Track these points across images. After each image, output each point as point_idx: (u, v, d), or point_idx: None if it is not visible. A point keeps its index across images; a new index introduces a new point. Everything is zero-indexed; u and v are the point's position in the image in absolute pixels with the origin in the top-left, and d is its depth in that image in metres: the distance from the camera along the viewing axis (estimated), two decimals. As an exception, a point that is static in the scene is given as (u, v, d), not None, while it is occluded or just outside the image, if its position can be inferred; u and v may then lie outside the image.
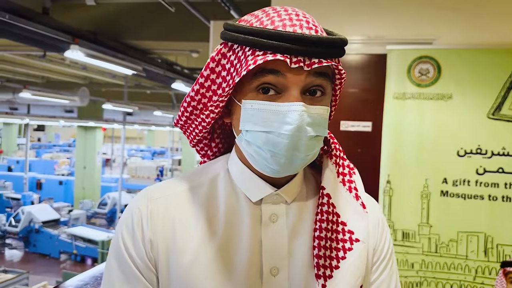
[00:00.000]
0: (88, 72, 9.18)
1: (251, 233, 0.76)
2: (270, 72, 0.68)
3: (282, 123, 0.67)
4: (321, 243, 0.75)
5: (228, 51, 0.73)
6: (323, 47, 0.67)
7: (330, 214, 0.78)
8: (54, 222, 11.63)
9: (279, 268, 0.75)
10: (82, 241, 10.51)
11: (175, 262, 0.73)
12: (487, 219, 2.47)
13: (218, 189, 0.80)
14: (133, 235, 0.75)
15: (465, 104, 2.51)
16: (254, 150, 0.71)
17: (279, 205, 0.78)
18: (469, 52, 2.51)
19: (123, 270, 0.74)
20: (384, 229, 0.85)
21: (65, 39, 4.43)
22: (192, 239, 0.75)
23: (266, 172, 0.72)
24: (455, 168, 2.51)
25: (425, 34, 2.69)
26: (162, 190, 0.80)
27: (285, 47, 0.65)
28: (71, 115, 13.59)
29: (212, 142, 0.87)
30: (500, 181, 2.46)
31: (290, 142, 0.67)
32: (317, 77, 0.69)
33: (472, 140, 2.50)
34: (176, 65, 7.70)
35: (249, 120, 0.70)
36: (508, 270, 2.34)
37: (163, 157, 25.16)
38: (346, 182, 0.83)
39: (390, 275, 0.83)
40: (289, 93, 0.68)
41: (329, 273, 0.74)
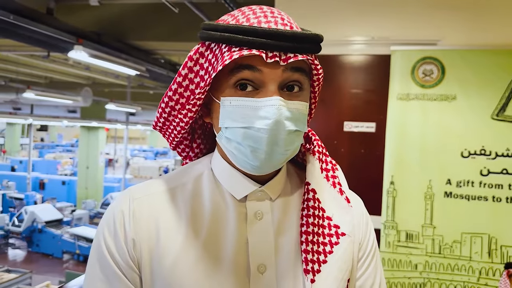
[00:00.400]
0: (91, 72, 9.20)
1: (236, 231, 0.75)
2: (246, 68, 0.68)
3: (260, 118, 0.67)
4: (308, 238, 0.76)
5: (206, 50, 0.73)
6: (298, 42, 0.68)
7: (316, 209, 0.78)
8: (57, 222, 11.65)
9: (267, 266, 0.75)
10: (85, 241, 10.53)
11: (158, 261, 0.73)
12: (491, 220, 2.46)
13: (202, 187, 0.80)
14: (115, 235, 0.74)
15: (469, 105, 2.51)
16: (234, 147, 0.71)
17: (264, 202, 0.78)
18: (473, 53, 2.51)
19: (104, 270, 0.73)
20: (368, 224, 0.86)
21: (69, 39, 4.45)
22: (175, 238, 0.74)
23: (247, 169, 0.73)
24: (459, 169, 2.50)
25: (429, 35, 2.69)
26: (145, 190, 0.79)
27: (260, 42, 0.66)
28: (74, 115, 13.63)
29: (194, 143, 0.87)
30: (504, 182, 2.45)
31: (269, 136, 0.67)
32: (294, 72, 0.70)
33: (476, 141, 2.49)
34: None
35: (228, 117, 0.70)
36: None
37: (166, 158, 25.18)
38: (330, 178, 0.84)
39: (375, 269, 0.83)
40: (266, 88, 0.69)
41: (317, 268, 0.74)
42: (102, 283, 0.73)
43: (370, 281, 0.82)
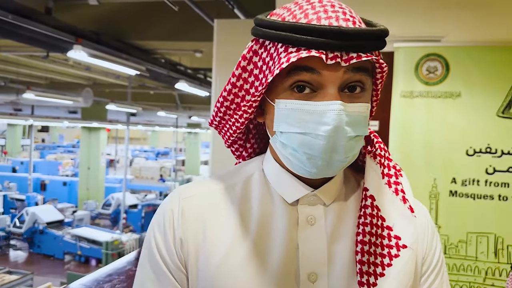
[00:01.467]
0: (92, 73, 9.18)
1: (286, 236, 0.71)
2: (304, 70, 0.63)
3: (318, 124, 0.63)
4: (364, 248, 0.70)
5: (260, 47, 0.69)
6: (361, 40, 0.62)
7: (374, 217, 0.72)
8: (58, 223, 11.66)
9: (318, 274, 0.70)
10: (86, 242, 10.52)
11: (204, 262, 0.71)
12: (497, 220, 2.42)
13: (252, 189, 0.77)
14: (165, 235, 0.73)
15: (474, 103, 2.47)
16: (290, 153, 0.67)
17: (317, 207, 0.73)
18: (478, 49, 2.47)
19: (154, 270, 0.72)
20: (434, 236, 0.79)
21: (68, 39, 4.43)
22: (223, 240, 0.72)
23: (303, 174, 0.69)
24: (464, 168, 2.46)
25: (433, 31, 2.65)
26: (194, 190, 0.77)
27: (320, 42, 0.61)
28: (75, 116, 13.63)
29: (247, 143, 0.84)
30: (510, 181, 2.41)
31: (328, 143, 0.62)
32: (356, 73, 0.64)
33: (481, 139, 2.45)
34: (179, 65, 7.68)
35: (284, 120, 0.66)
36: (519, 271, 2.30)
37: (167, 158, 25.16)
38: (392, 184, 0.77)
39: (440, 285, 0.77)
40: (325, 91, 0.63)
41: (373, 281, 0.69)
42: (152, 282, 0.72)
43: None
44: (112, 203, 13.60)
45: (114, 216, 13.49)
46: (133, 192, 15.76)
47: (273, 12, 0.71)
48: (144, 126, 21.59)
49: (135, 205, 13.66)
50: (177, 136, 20.50)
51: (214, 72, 3.36)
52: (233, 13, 3.81)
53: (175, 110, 13.33)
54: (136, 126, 20.68)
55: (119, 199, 13.19)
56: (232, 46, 3.29)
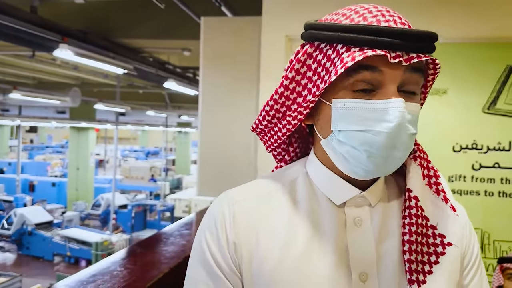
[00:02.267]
0: (80, 72, 9.10)
1: (336, 238, 0.73)
2: (366, 69, 0.65)
3: (380, 121, 0.64)
4: (412, 247, 0.73)
5: (315, 50, 0.71)
6: (421, 41, 0.65)
7: (419, 217, 0.75)
8: (47, 224, 11.56)
9: (368, 274, 0.72)
10: (75, 243, 10.45)
11: (258, 266, 0.72)
12: (483, 215, 2.46)
13: (298, 193, 0.78)
14: (218, 239, 0.74)
15: (460, 99, 2.49)
16: (347, 151, 0.68)
17: (363, 208, 0.75)
18: (464, 46, 2.49)
19: (208, 273, 0.73)
20: (472, 232, 0.82)
21: (54, 38, 4.38)
22: (275, 244, 0.73)
23: (357, 173, 0.70)
24: (451, 164, 2.49)
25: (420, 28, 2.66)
26: (242, 194, 0.79)
27: (385, 41, 0.63)
28: (63, 116, 13.51)
29: (290, 147, 0.86)
30: (496, 177, 2.44)
31: (389, 140, 0.64)
32: (414, 73, 0.67)
33: (467, 135, 2.48)
34: (168, 64, 7.64)
35: (342, 119, 0.68)
36: (506, 266, 2.32)
37: (157, 158, 25.06)
38: (433, 185, 0.80)
39: (480, 279, 0.80)
40: (385, 89, 0.66)
41: (422, 278, 0.72)
42: (205, 286, 0.73)
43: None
44: (102, 203, 13.53)
45: (103, 216, 13.42)
46: (123, 193, 15.68)
47: (325, 18, 0.74)
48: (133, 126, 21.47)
49: (125, 206, 13.60)
50: (167, 136, 20.42)
51: (201, 70, 3.34)
52: (220, 11, 3.80)
53: (165, 109, 13.28)
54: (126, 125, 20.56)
55: (108, 200, 13.12)
56: (219, 44, 3.27)
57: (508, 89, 2.43)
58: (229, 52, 3.25)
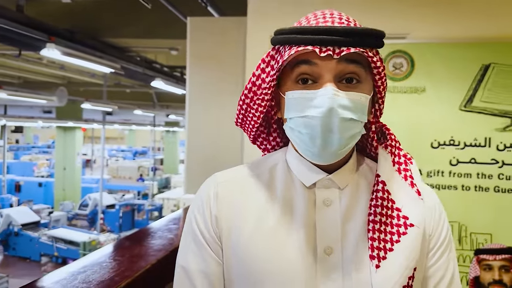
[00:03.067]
0: (66, 71, 9.05)
1: (305, 215, 0.82)
2: (304, 63, 0.76)
3: (314, 107, 0.75)
4: (375, 227, 0.81)
5: (276, 53, 0.83)
6: (350, 36, 0.74)
7: (385, 200, 0.83)
8: (34, 224, 11.43)
9: (333, 248, 0.81)
10: (63, 243, 10.37)
11: (236, 237, 0.82)
12: (460, 209, 2.52)
13: (277, 176, 0.88)
14: (203, 214, 0.86)
15: (438, 97, 2.56)
16: (297, 136, 0.79)
17: (332, 190, 0.84)
18: (441, 46, 2.57)
19: (195, 242, 0.85)
20: (441, 217, 0.88)
21: (41, 37, 4.37)
22: (250, 218, 0.83)
23: (309, 156, 0.80)
24: (429, 160, 2.56)
25: (398, 29, 2.74)
26: (227, 176, 0.90)
27: (314, 39, 0.74)
28: (49, 116, 13.39)
29: (270, 136, 0.96)
30: (472, 172, 2.52)
31: (323, 124, 0.73)
32: (349, 64, 0.76)
33: (445, 132, 2.55)
34: (155, 63, 7.64)
35: (291, 108, 0.78)
36: (481, 257, 2.40)
37: (145, 157, 24.93)
38: (402, 171, 0.88)
39: (447, 262, 0.86)
40: (322, 79, 0.76)
41: (383, 255, 0.79)
42: (193, 252, 0.85)
43: (440, 273, 0.85)
44: (89, 203, 13.43)
45: (91, 216, 13.32)
46: (110, 192, 15.57)
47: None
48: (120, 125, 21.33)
49: (113, 205, 13.51)
50: (155, 135, 20.34)
51: (188, 70, 3.38)
52: (206, 11, 3.85)
53: (152, 108, 13.24)
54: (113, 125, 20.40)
55: (96, 200, 13.03)
56: (205, 44, 3.32)
57: (483, 88, 2.52)
58: (216, 52, 3.30)
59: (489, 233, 2.49)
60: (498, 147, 2.49)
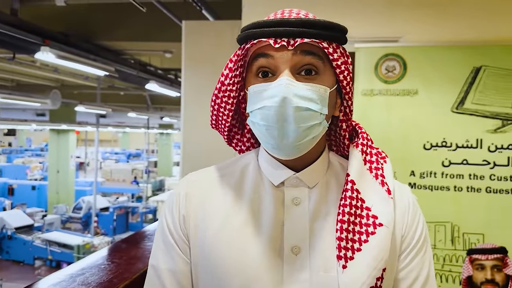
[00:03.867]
0: (60, 74, 9.01)
1: (274, 214, 0.82)
2: (261, 56, 0.77)
3: (269, 98, 0.74)
4: (343, 226, 0.79)
5: (242, 51, 0.82)
6: (304, 27, 0.75)
7: (354, 199, 0.81)
8: (27, 228, 11.36)
9: (301, 247, 0.80)
10: (57, 246, 10.31)
11: (202, 235, 0.83)
12: (453, 209, 2.55)
13: (247, 176, 0.88)
14: (172, 214, 0.87)
15: (430, 99, 2.59)
16: (257, 129, 0.79)
17: (300, 189, 0.83)
18: (433, 49, 2.60)
19: (164, 242, 0.86)
20: (416, 216, 0.86)
21: (35, 40, 4.37)
22: (218, 215, 0.84)
23: (270, 149, 0.80)
24: (422, 161, 2.58)
25: (391, 32, 2.77)
26: (198, 175, 0.91)
27: (268, 31, 0.75)
28: (42, 119, 13.32)
29: (244, 137, 0.96)
30: (464, 173, 2.55)
31: (277, 113, 0.73)
32: (305, 56, 0.76)
33: (437, 134, 2.58)
34: (149, 66, 7.64)
35: (251, 102, 0.79)
36: (474, 257, 2.43)
37: (139, 160, 24.84)
38: (373, 169, 0.86)
39: (421, 263, 0.83)
40: (279, 71, 0.76)
41: (350, 255, 0.78)
42: (162, 252, 0.86)
43: (414, 274, 0.82)
44: (83, 206, 13.36)
45: (85, 219, 13.25)
46: (104, 195, 15.50)
47: None
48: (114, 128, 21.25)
49: (107, 208, 13.46)
50: (149, 137, 20.29)
51: (183, 73, 3.40)
52: (201, 14, 3.86)
53: (146, 111, 13.21)
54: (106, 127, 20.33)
55: (90, 202, 12.97)
56: (200, 47, 3.34)
57: (474, 90, 2.55)
58: (211, 55, 3.32)
59: (481, 233, 2.52)
60: (490, 148, 2.53)
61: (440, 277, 2.55)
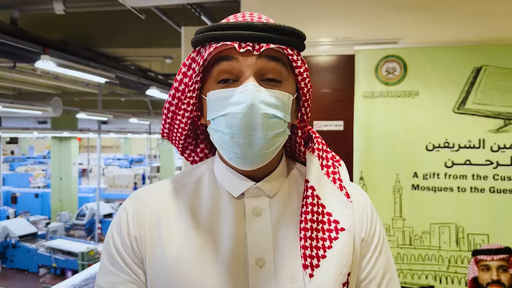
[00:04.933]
0: (61, 81, 9.04)
1: (235, 227, 0.78)
2: (224, 59, 0.74)
3: (235, 104, 0.71)
4: (307, 234, 0.77)
5: (196, 55, 0.79)
6: (270, 32, 0.73)
7: (315, 205, 0.80)
8: (31, 236, 11.38)
9: (265, 260, 0.77)
10: (61, 254, 10.31)
11: (160, 255, 0.77)
12: (457, 210, 2.54)
13: (202, 188, 0.84)
14: (120, 233, 0.80)
15: (431, 100, 2.59)
16: (220, 137, 0.74)
17: (261, 199, 0.80)
18: (433, 50, 2.60)
19: (112, 263, 0.79)
20: (374, 217, 0.86)
21: (35, 49, 4.38)
22: (176, 234, 0.78)
23: (233, 160, 0.75)
24: (425, 162, 2.58)
25: (390, 34, 2.77)
26: (149, 190, 0.85)
27: (234, 34, 0.72)
28: (44, 126, 13.35)
29: (197, 148, 0.92)
30: (467, 173, 2.54)
31: (244, 120, 0.70)
32: (270, 61, 0.74)
33: (439, 135, 2.58)
34: (150, 72, 7.66)
35: (212, 108, 0.74)
36: (479, 258, 2.43)
37: (141, 165, 24.88)
38: (330, 174, 0.86)
39: (385, 262, 0.84)
40: (243, 76, 0.73)
41: (316, 263, 0.76)
42: (111, 274, 0.79)
43: (381, 272, 0.83)
44: (86, 213, 13.38)
45: (89, 226, 13.27)
46: (107, 201, 15.53)
47: None
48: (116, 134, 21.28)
49: (110, 214, 13.48)
50: (151, 143, 20.32)
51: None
52: (200, 20, 3.87)
53: (148, 116, 13.23)
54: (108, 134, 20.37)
55: (93, 209, 12.99)
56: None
57: (476, 90, 2.55)
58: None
59: (486, 234, 2.51)
60: (492, 148, 2.52)
61: (446, 279, 2.54)
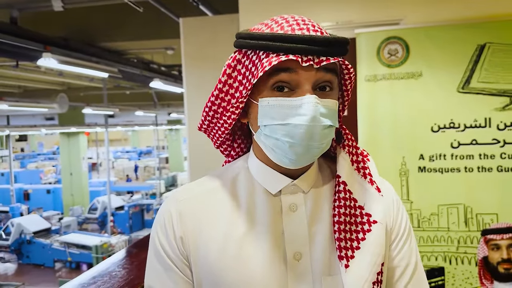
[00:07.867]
0: (65, 77, 9.07)
1: (272, 223, 0.83)
2: (284, 71, 0.75)
3: (297, 115, 0.74)
4: (341, 227, 0.82)
5: (243, 57, 0.80)
6: (329, 46, 0.75)
7: (348, 200, 0.84)
8: (45, 231, 11.57)
9: (302, 253, 0.82)
10: (75, 248, 10.48)
11: (204, 255, 0.82)
12: (465, 191, 2.52)
13: (239, 186, 0.88)
14: (166, 234, 0.84)
15: (435, 81, 2.55)
16: (273, 143, 0.78)
17: (297, 195, 0.85)
18: (435, 29, 2.55)
19: (160, 263, 0.84)
20: (400, 208, 0.91)
21: (36, 47, 4.38)
22: (217, 234, 0.82)
23: (284, 163, 0.79)
24: (430, 144, 2.55)
25: (391, 15, 2.73)
26: (187, 192, 0.89)
27: (296, 47, 0.74)
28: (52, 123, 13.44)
29: (235, 143, 0.96)
30: (474, 153, 2.51)
31: (307, 132, 0.74)
32: (326, 73, 0.77)
33: (444, 115, 2.54)
34: (152, 64, 7.64)
35: (266, 115, 0.77)
36: (489, 237, 2.42)
37: (150, 157, 25.01)
38: (361, 169, 0.89)
39: (409, 251, 0.89)
40: (301, 88, 0.76)
41: (350, 254, 0.81)
42: (159, 273, 0.84)
43: (405, 262, 0.87)
44: (98, 206, 13.54)
45: (101, 219, 13.43)
46: (118, 194, 15.68)
47: (253, 28, 0.83)
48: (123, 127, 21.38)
49: (122, 207, 13.62)
50: (158, 134, 20.40)
51: (184, 70, 3.39)
52: (198, 10, 3.84)
53: (153, 108, 13.25)
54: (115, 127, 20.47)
55: (104, 202, 13.14)
56: (199, 43, 3.33)
57: (480, 68, 2.50)
58: (210, 50, 3.31)
59: (495, 213, 2.49)
60: (499, 126, 2.48)
61: (455, 259, 2.53)
